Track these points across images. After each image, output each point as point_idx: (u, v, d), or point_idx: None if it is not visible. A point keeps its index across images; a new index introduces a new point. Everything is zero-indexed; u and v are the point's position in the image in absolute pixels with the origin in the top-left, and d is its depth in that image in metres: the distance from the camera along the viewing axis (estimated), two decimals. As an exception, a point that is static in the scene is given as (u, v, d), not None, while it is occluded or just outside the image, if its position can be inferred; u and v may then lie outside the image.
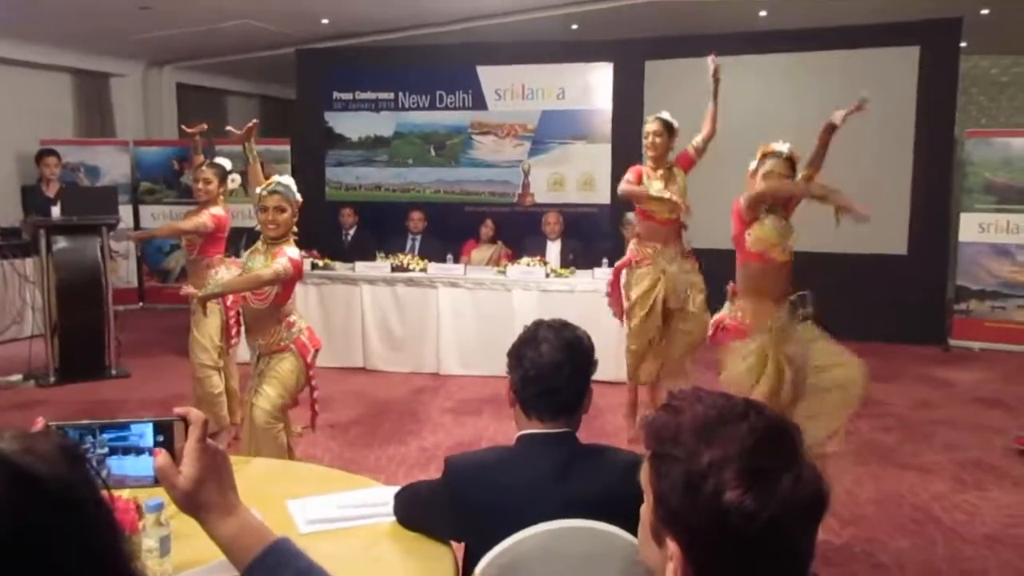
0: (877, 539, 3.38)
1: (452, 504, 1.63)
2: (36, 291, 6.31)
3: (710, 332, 3.40)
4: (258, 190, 3.36)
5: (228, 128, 3.97)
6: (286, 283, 3.32)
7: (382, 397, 5.53)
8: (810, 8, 7.08)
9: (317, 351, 3.51)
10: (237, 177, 4.48)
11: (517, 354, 1.70)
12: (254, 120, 3.72)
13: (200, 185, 4.48)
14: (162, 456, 0.96)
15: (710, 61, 4.31)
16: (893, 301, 6.91)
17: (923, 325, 6.94)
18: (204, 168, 4.51)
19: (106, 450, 0.98)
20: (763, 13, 7.49)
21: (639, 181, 4.36)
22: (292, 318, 3.43)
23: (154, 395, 5.48)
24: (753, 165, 3.30)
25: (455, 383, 5.88)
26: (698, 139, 4.40)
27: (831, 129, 3.49)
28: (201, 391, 4.47)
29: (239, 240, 7.77)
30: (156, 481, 0.97)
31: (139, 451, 0.99)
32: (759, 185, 3.16)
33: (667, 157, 4.41)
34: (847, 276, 6.88)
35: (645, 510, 0.97)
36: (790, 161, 3.26)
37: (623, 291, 4.57)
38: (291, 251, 3.29)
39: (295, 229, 3.42)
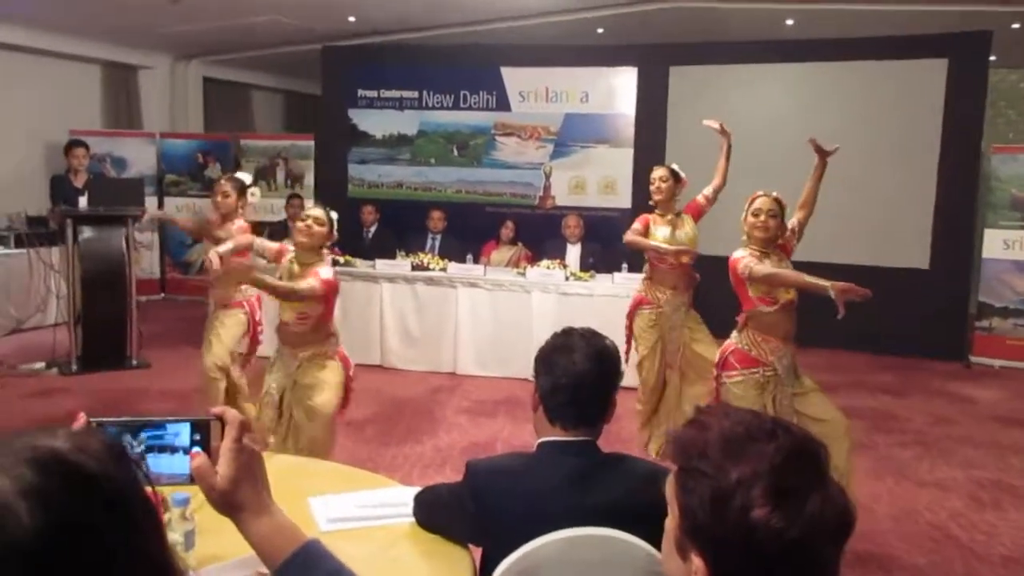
0: (894, 556, 3.36)
1: (472, 508, 1.65)
2: (61, 280, 6.39)
3: (717, 360, 3.43)
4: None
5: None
6: (326, 302, 3.40)
7: (398, 395, 5.56)
8: (837, 18, 7.04)
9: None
10: (256, 191, 4.49)
11: (548, 360, 1.71)
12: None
13: (219, 199, 4.33)
14: (200, 458, 0.98)
15: (713, 124, 4.34)
16: (914, 316, 6.85)
17: (944, 341, 6.88)
18: (223, 181, 4.42)
19: (143, 448, 1.00)
20: (789, 22, 7.46)
21: (646, 229, 4.39)
22: (333, 329, 3.58)
23: (173, 386, 5.54)
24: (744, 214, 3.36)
25: (471, 383, 5.90)
26: (709, 189, 4.43)
27: (824, 165, 3.56)
28: (208, 391, 4.45)
29: (261, 234, 7.86)
30: (191, 480, 0.99)
31: (175, 449, 1.01)
32: (759, 267, 3.18)
33: (673, 203, 4.45)
34: (867, 289, 6.84)
35: (670, 523, 0.98)
36: (778, 201, 3.33)
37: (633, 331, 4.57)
38: (325, 271, 3.36)
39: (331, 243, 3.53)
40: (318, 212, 3.45)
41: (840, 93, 7.25)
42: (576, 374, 1.66)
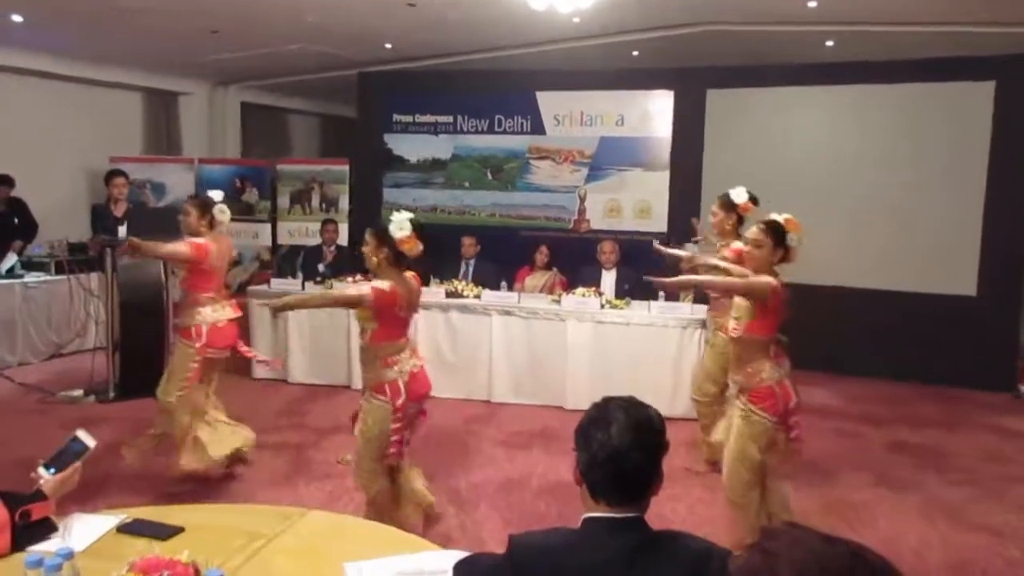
0: (947, 609, 3.22)
1: (513, 585, 1.58)
2: (100, 306, 6.47)
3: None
4: None
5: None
6: (380, 321, 3.33)
7: (433, 423, 5.43)
8: (879, 40, 6.90)
9: (416, 398, 3.46)
10: (225, 208, 4.31)
11: (585, 434, 1.63)
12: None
13: (181, 217, 4.28)
14: None
15: None
16: (960, 344, 6.66)
17: (992, 370, 6.66)
18: (186, 202, 4.36)
19: None
20: (829, 44, 7.33)
21: None
22: (395, 357, 3.39)
23: (209, 415, 5.53)
24: None
25: (507, 412, 5.84)
26: None
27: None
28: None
29: (295, 259, 7.90)
30: None
31: None
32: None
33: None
34: (912, 316, 6.67)
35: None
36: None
37: None
38: (379, 283, 3.31)
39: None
40: (365, 235, 3.45)
41: (882, 116, 7.09)
42: (613, 448, 1.58)
